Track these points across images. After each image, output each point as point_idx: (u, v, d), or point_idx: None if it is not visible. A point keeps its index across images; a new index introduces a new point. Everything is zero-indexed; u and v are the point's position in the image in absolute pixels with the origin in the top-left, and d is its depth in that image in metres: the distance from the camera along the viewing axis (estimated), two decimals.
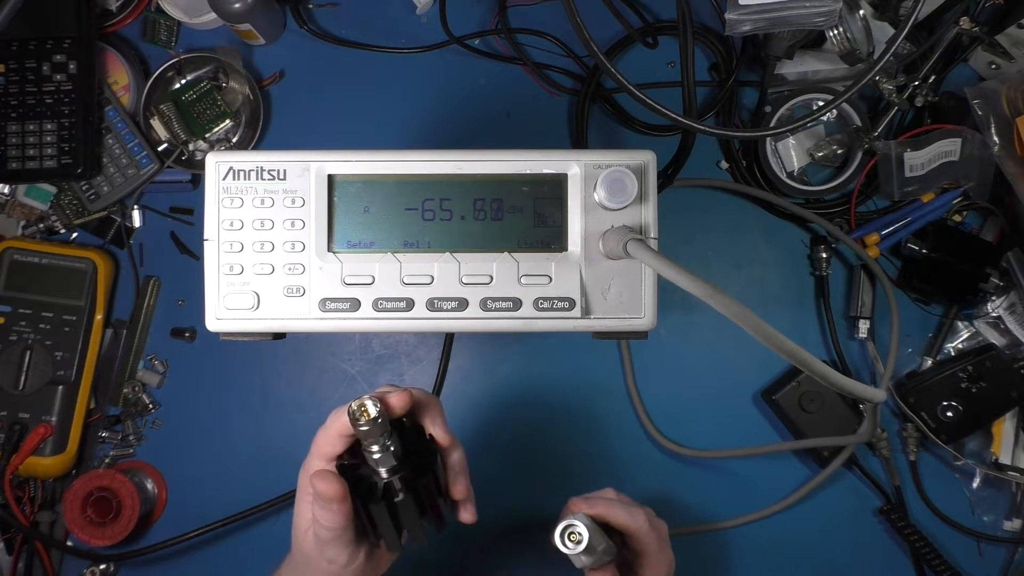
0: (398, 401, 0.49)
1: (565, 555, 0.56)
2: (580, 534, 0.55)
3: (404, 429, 0.51)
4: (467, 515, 0.54)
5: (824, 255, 0.79)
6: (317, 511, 0.48)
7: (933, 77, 0.77)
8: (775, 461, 0.79)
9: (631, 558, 0.59)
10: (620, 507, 0.58)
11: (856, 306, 0.79)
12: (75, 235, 0.81)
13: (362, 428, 0.46)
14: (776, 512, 0.77)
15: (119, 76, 0.79)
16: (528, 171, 0.55)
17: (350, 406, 0.46)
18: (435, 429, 0.51)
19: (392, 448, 0.48)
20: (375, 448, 0.47)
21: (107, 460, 0.78)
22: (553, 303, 0.54)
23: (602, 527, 0.57)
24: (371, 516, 0.49)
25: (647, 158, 0.55)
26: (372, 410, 0.46)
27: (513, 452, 0.78)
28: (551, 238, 0.55)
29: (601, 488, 0.61)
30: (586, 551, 0.55)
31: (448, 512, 0.54)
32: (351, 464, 0.50)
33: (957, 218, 0.79)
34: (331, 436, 0.50)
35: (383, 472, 0.49)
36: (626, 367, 0.79)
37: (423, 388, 0.54)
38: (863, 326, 0.79)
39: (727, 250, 0.81)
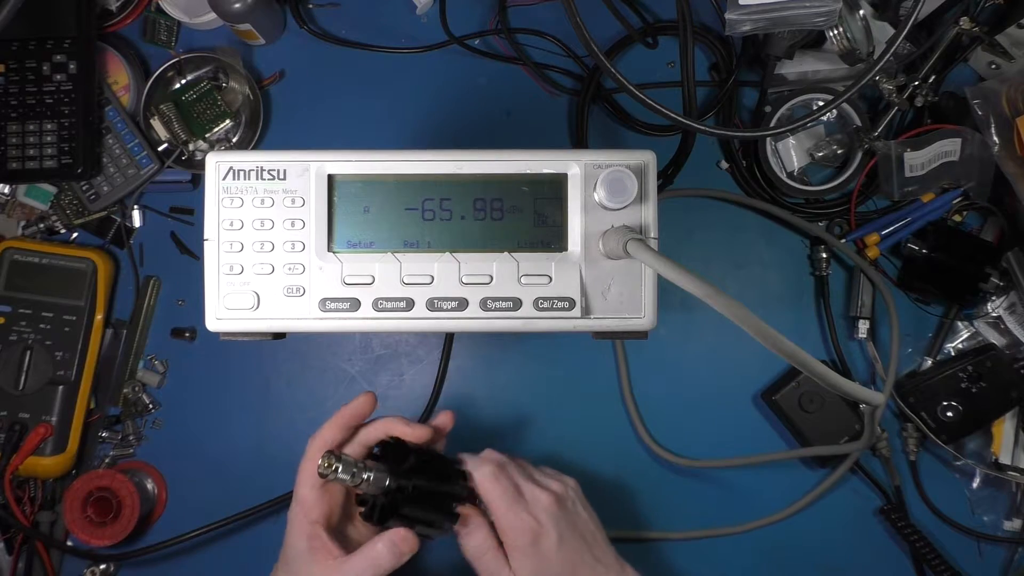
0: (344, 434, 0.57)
1: None
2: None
3: (386, 448, 0.56)
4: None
5: (824, 255, 0.79)
6: (392, 558, 0.53)
7: (933, 77, 0.77)
8: (774, 463, 0.79)
9: None
10: (471, 456, 0.59)
11: (856, 306, 0.79)
12: (75, 235, 0.81)
13: (341, 478, 0.51)
14: (780, 519, 0.77)
15: (119, 76, 0.79)
16: (528, 171, 0.55)
17: (318, 470, 0.51)
18: (398, 431, 0.57)
19: (373, 472, 0.52)
20: (361, 482, 0.51)
21: (107, 460, 0.78)
22: (553, 303, 0.54)
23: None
24: (413, 518, 0.53)
25: (647, 158, 0.55)
26: (334, 464, 0.51)
27: (512, 452, 0.78)
28: (551, 238, 0.55)
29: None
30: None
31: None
32: (368, 505, 0.54)
33: (957, 218, 0.79)
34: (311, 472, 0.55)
35: (387, 485, 0.53)
36: (621, 373, 0.78)
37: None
38: (863, 326, 0.79)
39: (727, 250, 0.81)
